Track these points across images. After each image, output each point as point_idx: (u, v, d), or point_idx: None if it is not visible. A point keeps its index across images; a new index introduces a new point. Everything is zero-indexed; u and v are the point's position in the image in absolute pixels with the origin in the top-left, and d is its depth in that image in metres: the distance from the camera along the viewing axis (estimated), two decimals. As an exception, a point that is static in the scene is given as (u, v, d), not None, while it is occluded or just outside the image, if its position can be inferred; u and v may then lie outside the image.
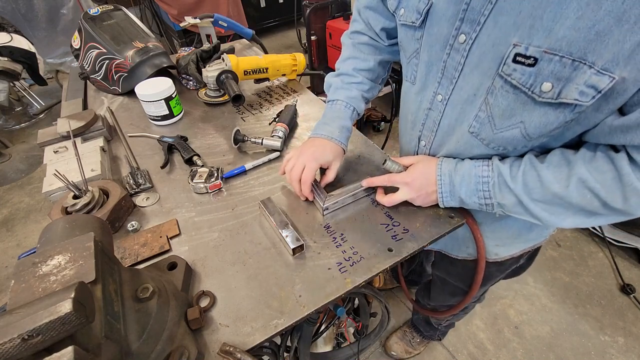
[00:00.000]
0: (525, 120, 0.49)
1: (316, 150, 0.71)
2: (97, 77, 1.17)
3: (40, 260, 0.39)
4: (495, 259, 0.80)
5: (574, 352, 1.41)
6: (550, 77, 0.42)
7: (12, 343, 0.28)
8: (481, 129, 0.55)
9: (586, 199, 0.49)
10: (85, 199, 0.66)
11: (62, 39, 3.22)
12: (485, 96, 0.52)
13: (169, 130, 1.01)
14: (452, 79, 0.56)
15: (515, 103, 0.48)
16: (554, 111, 0.45)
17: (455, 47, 0.53)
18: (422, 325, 1.34)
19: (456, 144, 0.61)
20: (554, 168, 0.51)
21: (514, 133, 0.51)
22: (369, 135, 2.64)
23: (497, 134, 0.53)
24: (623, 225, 1.68)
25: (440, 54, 0.56)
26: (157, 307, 0.47)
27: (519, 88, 0.46)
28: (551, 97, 0.44)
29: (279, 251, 0.65)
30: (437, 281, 1.04)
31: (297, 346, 0.83)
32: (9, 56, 2.23)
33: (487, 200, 0.59)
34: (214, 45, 1.17)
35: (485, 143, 0.57)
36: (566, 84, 0.42)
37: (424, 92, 0.64)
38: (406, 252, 0.64)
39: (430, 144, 0.68)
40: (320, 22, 2.51)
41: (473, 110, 0.55)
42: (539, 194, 0.53)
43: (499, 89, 0.49)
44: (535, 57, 0.43)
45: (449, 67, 0.56)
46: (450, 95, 0.58)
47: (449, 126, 0.62)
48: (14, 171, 2.47)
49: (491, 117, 0.53)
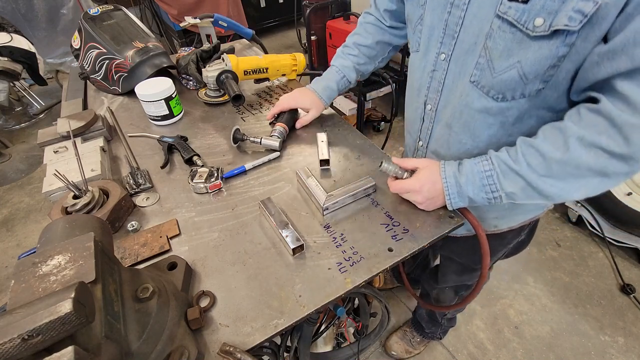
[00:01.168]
0: (521, 59, 0.52)
1: (297, 95, 0.94)
2: (97, 77, 1.17)
3: (40, 260, 0.39)
4: (494, 230, 0.82)
5: (574, 352, 1.41)
6: (542, 11, 0.47)
7: (12, 343, 0.28)
8: (481, 75, 0.58)
9: (590, 155, 0.50)
10: (85, 199, 0.66)
11: (62, 39, 3.22)
12: (484, 41, 0.55)
13: (169, 130, 1.01)
14: (454, 35, 0.61)
15: (512, 43, 0.52)
16: (547, 44, 0.49)
17: (455, 4, 0.58)
18: (425, 321, 1.34)
19: (459, 98, 0.64)
20: (549, 138, 0.54)
21: (512, 74, 0.54)
22: (369, 135, 2.64)
23: (496, 77, 0.56)
24: (623, 225, 1.68)
25: (441, 15, 0.61)
26: (157, 307, 0.47)
27: (515, 26, 0.50)
28: (543, 30, 0.48)
29: (279, 251, 0.65)
30: (444, 261, 1.06)
31: (297, 346, 0.83)
32: (9, 56, 2.23)
33: (494, 194, 0.60)
34: (214, 45, 1.17)
35: (485, 91, 0.59)
36: (556, 15, 0.46)
37: (427, 55, 0.68)
38: (406, 252, 0.64)
39: (435, 106, 0.71)
40: (320, 22, 2.51)
41: (474, 59, 0.59)
42: (544, 169, 0.54)
43: (497, 30, 0.53)
44: None
45: (451, 24, 0.60)
46: (453, 51, 0.62)
47: (453, 82, 0.65)
48: (14, 171, 2.47)
49: (490, 60, 0.56)
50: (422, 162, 0.68)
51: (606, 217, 1.72)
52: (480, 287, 0.81)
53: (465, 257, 0.94)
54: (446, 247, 0.98)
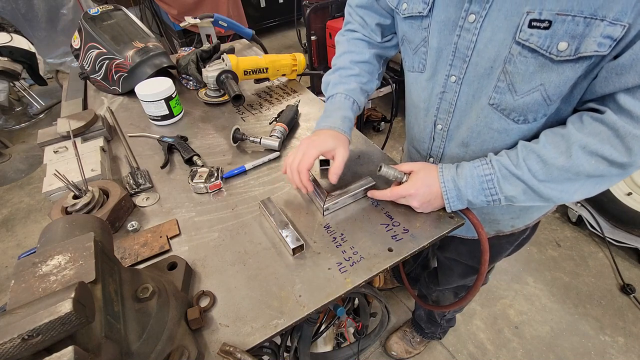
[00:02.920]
0: (545, 82, 0.51)
1: (316, 139, 0.69)
2: (97, 77, 1.17)
3: (40, 260, 0.39)
4: (512, 230, 0.82)
5: (574, 352, 1.41)
6: (565, 36, 0.45)
7: (12, 343, 0.28)
8: (501, 99, 0.56)
9: (591, 163, 0.50)
10: (85, 199, 0.66)
11: (62, 39, 3.22)
12: (503, 66, 0.53)
13: (169, 130, 1.01)
14: (465, 58, 0.58)
15: (535, 66, 0.50)
16: (571, 66, 0.48)
17: (465, 27, 0.55)
18: (424, 322, 1.34)
19: (476, 119, 0.62)
20: (551, 145, 0.54)
21: (535, 97, 0.53)
22: (369, 135, 2.64)
23: (518, 100, 0.55)
24: (623, 225, 1.68)
25: (450, 37, 0.58)
26: (157, 307, 0.47)
27: (537, 51, 0.48)
28: (569, 55, 0.46)
29: (279, 251, 0.65)
30: (446, 263, 1.04)
31: (297, 346, 0.83)
32: (9, 56, 2.23)
33: (493, 197, 0.60)
34: (214, 45, 1.17)
35: (506, 113, 0.58)
36: (582, 40, 0.44)
37: (435, 77, 0.65)
38: (406, 252, 0.64)
39: (447, 126, 0.68)
40: (320, 22, 2.51)
41: (491, 82, 0.56)
42: (544, 174, 0.54)
43: (517, 56, 0.50)
44: (549, 19, 0.45)
45: (461, 48, 0.57)
46: (465, 74, 0.59)
47: (467, 103, 0.63)
48: (14, 171, 2.47)
49: (511, 84, 0.54)
50: (417, 165, 0.68)
51: (606, 217, 1.73)
52: (478, 286, 0.81)
53: (472, 258, 0.93)
54: (452, 249, 0.97)
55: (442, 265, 1.08)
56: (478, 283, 0.81)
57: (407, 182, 0.67)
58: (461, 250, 0.93)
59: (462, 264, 0.97)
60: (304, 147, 0.68)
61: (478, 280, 0.79)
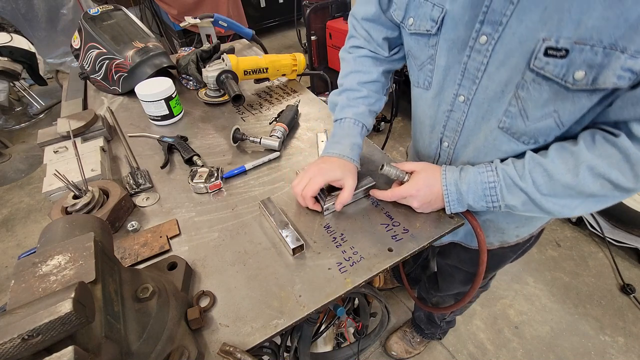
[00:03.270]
0: (558, 109, 0.49)
1: (325, 166, 0.68)
2: (97, 77, 1.17)
3: (40, 260, 0.39)
4: (517, 240, 0.80)
5: (574, 352, 1.41)
6: (583, 65, 0.43)
7: (12, 343, 0.28)
8: (512, 123, 0.55)
9: (597, 185, 0.50)
10: (85, 199, 0.66)
11: (62, 39, 3.22)
12: (514, 91, 0.51)
13: (169, 130, 1.01)
14: (475, 79, 0.55)
15: (549, 93, 0.48)
16: (587, 96, 0.46)
17: (476, 48, 0.52)
18: (424, 323, 1.34)
19: (484, 141, 0.61)
20: (559, 161, 0.52)
21: (548, 123, 0.52)
22: (369, 135, 2.63)
23: (530, 126, 0.53)
24: (623, 225, 1.68)
25: (459, 57, 0.56)
26: (157, 307, 0.47)
27: (552, 79, 0.46)
28: (585, 84, 0.44)
29: (279, 251, 0.65)
30: (447, 270, 1.03)
31: (297, 346, 0.83)
32: (9, 56, 2.23)
33: (494, 204, 0.60)
34: (214, 45, 1.17)
35: (516, 137, 0.56)
36: (600, 71, 0.42)
37: (441, 95, 0.63)
38: (406, 252, 0.64)
39: (454, 145, 0.67)
40: (320, 22, 2.51)
41: (502, 106, 0.55)
42: (548, 188, 0.53)
43: (530, 83, 0.49)
44: (566, 48, 0.43)
45: (470, 69, 0.55)
46: (474, 95, 0.57)
47: (475, 124, 0.61)
48: (14, 171, 2.47)
49: (523, 110, 0.52)
50: (419, 165, 0.68)
51: (606, 217, 1.72)
52: (476, 287, 0.81)
53: (474, 266, 0.89)
54: (454, 256, 0.96)
55: (443, 272, 1.07)
56: (476, 285, 0.81)
57: (408, 182, 0.67)
58: (463, 257, 0.92)
59: (464, 271, 0.96)
60: (310, 174, 0.67)
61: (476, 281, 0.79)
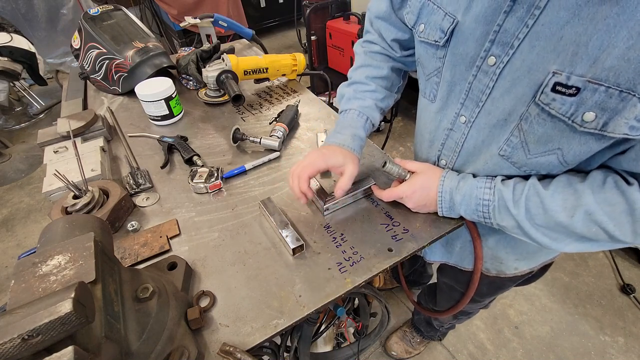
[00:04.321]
0: (563, 147, 0.46)
1: (326, 152, 0.66)
2: (97, 77, 1.17)
3: (40, 260, 0.39)
4: (515, 273, 0.77)
5: (574, 352, 1.41)
6: (594, 107, 0.39)
7: (12, 343, 0.28)
8: (513, 152, 0.52)
9: (591, 231, 0.47)
10: (85, 199, 0.66)
11: (62, 39, 3.22)
12: (518, 122, 0.49)
13: (169, 130, 1.01)
14: (479, 102, 0.53)
15: (553, 131, 0.45)
16: (596, 140, 0.43)
17: (483, 68, 0.50)
18: (423, 326, 1.34)
19: (484, 164, 0.59)
20: (560, 196, 0.49)
21: (550, 159, 0.49)
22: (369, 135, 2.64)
23: (531, 159, 0.51)
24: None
25: (465, 74, 0.53)
26: (157, 307, 0.47)
27: (558, 117, 0.43)
28: (594, 128, 0.41)
29: (279, 251, 0.65)
30: (445, 288, 1.01)
31: (297, 346, 0.83)
32: (9, 56, 2.23)
33: (486, 220, 0.59)
34: (214, 45, 1.17)
35: (517, 166, 0.54)
36: (613, 116, 0.39)
37: (444, 111, 0.61)
38: (406, 252, 0.64)
39: (452, 164, 0.65)
40: (320, 22, 2.51)
41: (504, 134, 0.52)
42: (541, 220, 0.51)
43: (535, 117, 0.46)
44: (577, 86, 0.39)
45: (475, 90, 0.53)
46: (476, 119, 0.55)
47: (475, 148, 0.59)
48: (14, 171, 2.47)
49: (525, 142, 0.50)
50: (421, 167, 0.67)
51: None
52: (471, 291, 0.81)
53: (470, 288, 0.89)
54: (451, 276, 0.94)
55: (441, 289, 1.05)
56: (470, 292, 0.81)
57: (406, 183, 0.67)
58: (460, 279, 0.90)
59: (459, 292, 0.94)
60: (311, 158, 0.66)
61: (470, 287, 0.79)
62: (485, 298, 0.94)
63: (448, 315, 0.99)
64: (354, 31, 2.26)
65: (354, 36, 2.28)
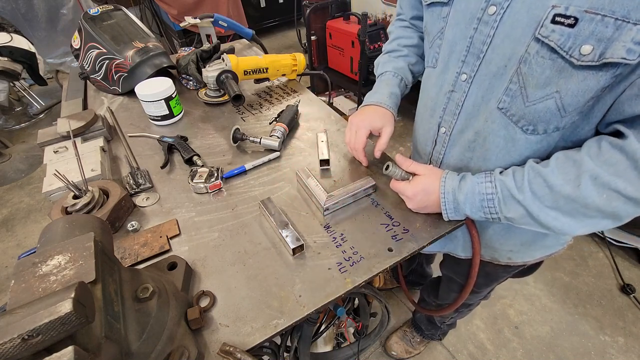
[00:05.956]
0: (561, 89, 0.47)
1: (365, 117, 0.76)
2: (97, 77, 1.17)
3: (40, 260, 0.39)
4: (507, 262, 0.79)
5: (574, 352, 1.41)
6: (591, 38, 0.41)
7: (12, 343, 0.28)
8: (512, 103, 0.53)
9: (602, 197, 0.46)
10: (85, 199, 0.66)
11: (62, 39, 3.22)
12: (517, 66, 0.50)
13: (169, 130, 1.01)
14: (480, 54, 0.54)
15: (552, 70, 0.46)
16: (594, 75, 0.43)
17: (484, 20, 0.52)
18: (424, 324, 1.34)
19: (483, 124, 0.59)
20: (560, 170, 0.50)
21: (548, 105, 0.49)
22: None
23: (529, 106, 0.51)
24: (623, 225, 1.68)
25: (466, 31, 0.55)
26: (157, 307, 0.47)
27: (557, 52, 0.44)
28: (591, 60, 0.42)
29: (279, 251, 0.65)
30: (445, 279, 1.04)
31: (297, 346, 0.83)
32: (9, 56, 2.23)
33: (492, 215, 0.59)
34: (214, 45, 1.17)
35: (515, 120, 0.54)
36: (609, 45, 0.40)
37: (445, 74, 0.63)
38: (406, 252, 0.64)
39: (450, 130, 0.66)
40: (320, 22, 2.51)
41: (503, 84, 0.53)
42: (551, 200, 0.51)
43: (534, 55, 0.47)
44: (575, 16, 0.41)
45: (476, 42, 0.54)
46: (477, 72, 0.56)
47: (474, 106, 0.59)
48: (14, 171, 2.47)
49: (524, 87, 0.50)
50: (422, 169, 0.67)
51: (606, 217, 1.72)
52: (469, 288, 0.81)
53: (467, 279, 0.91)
54: (449, 267, 0.96)
55: (443, 280, 1.07)
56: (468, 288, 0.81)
57: (408, 185, 0.67)
58: (457, 269, 0.92)
59: (458, 283, 0.95)
60: (354, 127, 0.77)
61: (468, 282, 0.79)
62: (483, 288, 0.97)
63: (450, 310, 0.99)
64: (353, 31, 2.26)
65: (353, 36, 2.28)
